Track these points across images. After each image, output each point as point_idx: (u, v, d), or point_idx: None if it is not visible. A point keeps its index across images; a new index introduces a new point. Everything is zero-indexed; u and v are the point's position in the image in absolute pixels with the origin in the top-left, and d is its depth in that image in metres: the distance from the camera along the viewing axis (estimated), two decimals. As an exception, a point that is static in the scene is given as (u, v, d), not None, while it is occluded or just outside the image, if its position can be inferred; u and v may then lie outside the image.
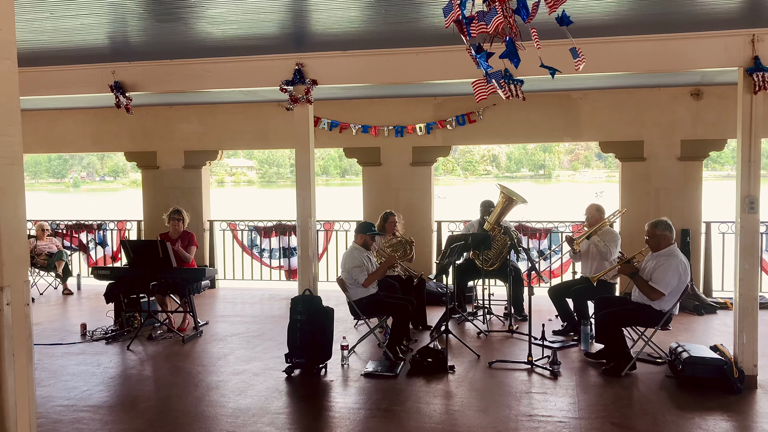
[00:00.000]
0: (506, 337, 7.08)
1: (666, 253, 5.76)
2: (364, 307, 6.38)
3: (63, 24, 5.14)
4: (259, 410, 5.02)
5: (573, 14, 4.90)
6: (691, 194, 8.93)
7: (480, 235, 7.57)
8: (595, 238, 6.88)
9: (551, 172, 62.99)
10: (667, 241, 5.80)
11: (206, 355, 6.62)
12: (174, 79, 6.49)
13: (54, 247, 9.96)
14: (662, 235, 5.81)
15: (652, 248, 5.88)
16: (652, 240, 5.85)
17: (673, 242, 5.83)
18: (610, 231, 7.02)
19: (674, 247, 5.82)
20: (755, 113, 5.31)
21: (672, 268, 5.63)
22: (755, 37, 5.24)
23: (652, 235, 5.84)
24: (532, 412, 4.92)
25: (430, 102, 9.46)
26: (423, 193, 9.76)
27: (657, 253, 5.82)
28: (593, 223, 7.03)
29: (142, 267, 7.09)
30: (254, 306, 9.01)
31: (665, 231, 5.81)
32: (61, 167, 64.66)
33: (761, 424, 4.70)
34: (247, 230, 10.29)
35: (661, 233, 5.81)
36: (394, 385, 5.58)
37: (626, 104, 9.02)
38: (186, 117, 10.34)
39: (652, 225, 5.87)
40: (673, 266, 5.64)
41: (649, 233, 5.88)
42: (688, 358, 5.40)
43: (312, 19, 5.23)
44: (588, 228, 7.07)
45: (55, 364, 6.27)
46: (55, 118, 10.71)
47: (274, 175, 64.43)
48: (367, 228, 6.62)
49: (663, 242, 5.81)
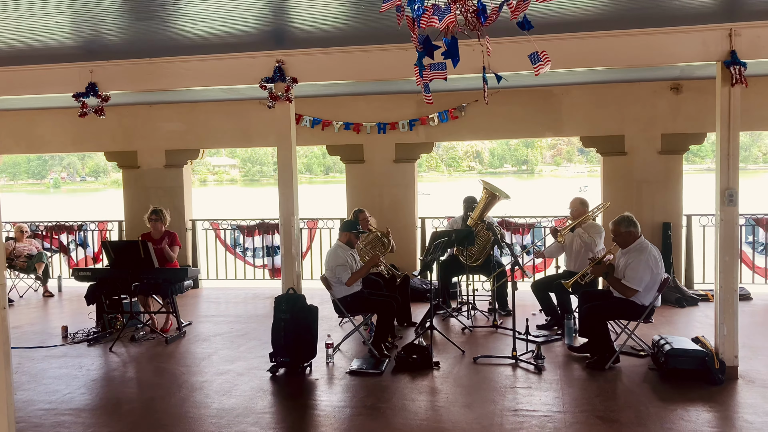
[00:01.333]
0: (491, 332, 7.10)
1: (635, 248, 5.82)
2: (348, 305, 6.37)
3: (38, 23, 5.06)
4: (244, 410, 4.99)
5: (553, 10, 4.94)
6: (672, 188, 9.01)
7: (463, 231, 7.58)
8: (579, 231, 6.92)
9: (534, 168, 63.29)
10: (634, 237, 5.86)
11: (190, 355, 6.57)
12: (153, 77, 6.42)
13: (34, 249, 9.84)
14: (627, 231, 5.86)
15: (620, 245, 5.93)
16: (618, 238, 5.91)
17: (639, 235, 5.88)
18: (594, 224, 7.07)
19: (642, 240, 5.87)
20: (733, 107, 5.36)
21: (642, 263, 5.68)
22: (732, 32, 5.28)
23: (617, 233, 5.90)
24: (517, 407, 4.94)
25: (412, 98, 9.45)
26: (406, 189, 9.75)
27: (627, 249, 5.87)
28: (577, 216, 7.07)
29: (123, 268, 7.02)
30: (238, 305, 8.96)
31: (629, 227, 5.86)
32: (40, 168, 63.88)
33: (742, 414, 4.76)
34: (230, 229, 10.22)
35: (625, 230, 5.86)
36: (380, 382, 5.57)
37: (607, 99, 9.08)
38: (167, 116, 10.25)
39: (616, 223, 5.91)
40: (643, 261, 5.69)
41: (614, 232, 5.93)
42: (671, 351, 5.46)
43: (292, 16, 5.19)
44: (572, 221, 7.12)
45: (35, 368, 6.19)
46: (33, 118, 10.57)
47: (257, 173, 64.13)
48: (351, 226, 6.61)
49: (629, 238, 5.86)
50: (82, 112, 6.30)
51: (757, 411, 4.77)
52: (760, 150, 60.17)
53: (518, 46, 5.21)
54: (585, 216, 7.03)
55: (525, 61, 3.25)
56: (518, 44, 5.19)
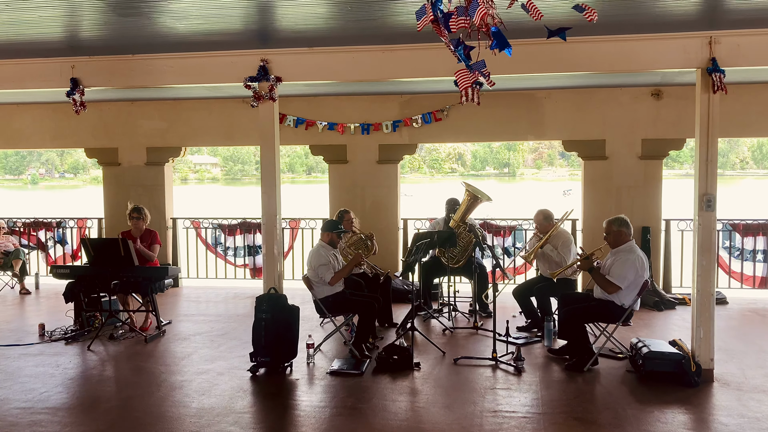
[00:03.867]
0: (471, 333, 7.14)
1: (624, 249, 5.91)
2: (330, 305, 6.37)
3: (20, 17, 4.99)
4: (224, 410, 4.97)
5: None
6: (652, 192, 9.11)
7: (445, 233, 7.61)
8: (548, 248, 6.94)
9: (515, 171, 63.70)
10: (625, 238, 5.94)
11: (169, 354, 6.53)
12: (135, 74, 6.37)
13: (11, 246, 9.70)
14: (619, 231, 5.94)
15: (610, 245, 6.02)
16: (609, 236, 6.00)
17: (630, 238, 5.97)
18: (561, 234, 7.07)
19: (632, 243, 5.96)
20: (713, 114, 5.45)
21: (629, 262, 5.77)
22: (713, 39, 5.36)
23: (609, 232, 5.99)
24: (496, 408, 4.97)
25: (396, 100, 9.47)
26: (389, 190, 9.76)
27: (615, 250, 5.96)
28: (543, 231, 7.07)
29: (103, 266, 6.95)
30: (218, 305, 8.91)
31: (622, 227, 5.94)
32: (18, 164, 63.02)
33: (717, 416, 4.83)
34: (211, 228, 10.16)
35: (617, 229, 5.94)
36: (360, 382, 5.58)
37: (589, 104, 9.17)
38: (148, 113, 10.16)
39: (609, 222, 6.02)
40: (630, 261, 5.78)
41: (606, 230, 6.03)
42: (648, 353, 5.52)
43: (277, 15, 5.18)
44: (539, 234, 7.13)
45: (11, 366, 6.11)
46: (11, 113, 10.41)
47: (238, 172, 63.82)
48: (333, 226, 6.60)
49: (620, 238, 5.94)
50: (77, 109, 6.24)
51: (732, 413, 4.84)
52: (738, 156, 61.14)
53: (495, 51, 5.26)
54: (552, 228, 7.00)
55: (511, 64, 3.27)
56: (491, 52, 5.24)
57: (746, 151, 61.40)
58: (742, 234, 8.91)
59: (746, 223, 8.97)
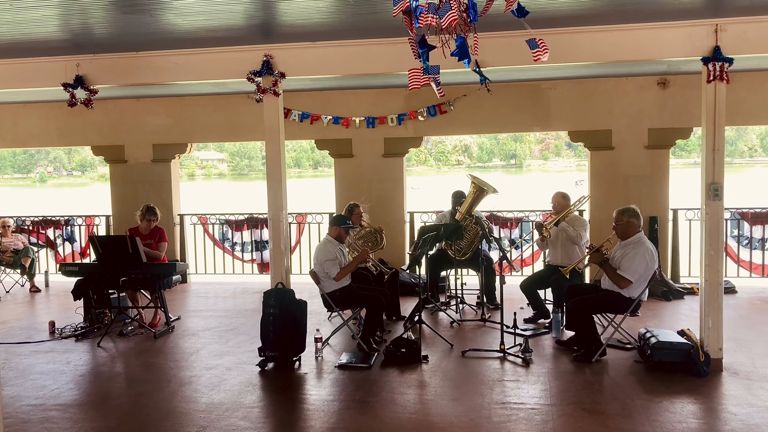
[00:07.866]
0: (479, 326, 7.14)
1: (633, 242, 5.87)
2: (337, 300, 6.38)
3: (24, 16, 5.01)
4: (233, 404, 5.00)
5: (541, 5, 4.96)
6: (659, 182, 9.07)
7: (452, 226, 7.60)
8: (564, 224, 6.97)
9: (522, 162, 63.45)
10: (634, 229, 5.90)
11: (178, 350, 6.56)
12: (140, 71, 6.38)
13: (20, 244, 9.76)
14: (629, 222, 5.90)
15: (619, 236, 5.98)
16: (619, 227, 5.96)
17: (640, 230, 5.93)
18: (578, 218, 7.12)
19: (641, 234, 5.92)
20: (719, 102, 5.41)
21: (639, 255, 5.74)
22: (718, 27, 5.32)
23: (619, 222, 5.94)
24: (504, 400, 4.97)
25: (401, 93, 9.44)
26: (395, 184, 9.76)
27: (625, 242, 5.92)
28: (560, 210, 7.13)
29: (111, 263, 6.99)
30: (226, 300, 8.95)
31: (632, 218, 5.91)
32: (26, 162, 63.24)
33: (726, 405, 4.82)
34: (219, 224, 10.20)
35: (627, 220, 5.90)
36: (368, 376, 5.59)
37: (594, 94, 9.12)
38: (154, 110, 10.19)
39: (620, 212, 5.97)
40: (640, 254, 5.74)
41: (616, 220, 5.98)
42: (656, 344, 5.51)
43: (280, 10, 5.17)
44: (555, 215, 7.16)
45: (22, 363, 6.16)
46: (18, 112, 10.47)
47: (245, 167, 63.83)
48: (341, 221, 6.60)
49: (630, 229, 5.90)
50: (71, 102, 6.25)
51: (741, 402, 4.83)
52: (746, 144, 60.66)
53: (506, 41, 5.24)
54: (568, 209, 7.07)
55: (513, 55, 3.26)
56: (506, 39, 5.22)
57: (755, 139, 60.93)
58: (751, 222, 8.86)
59: (755, 211, 8.92)
